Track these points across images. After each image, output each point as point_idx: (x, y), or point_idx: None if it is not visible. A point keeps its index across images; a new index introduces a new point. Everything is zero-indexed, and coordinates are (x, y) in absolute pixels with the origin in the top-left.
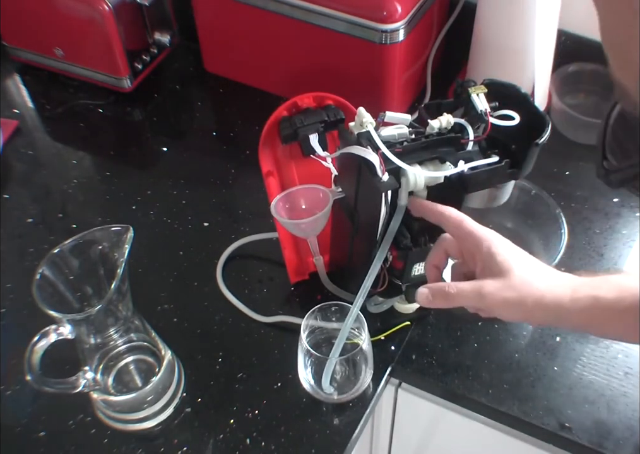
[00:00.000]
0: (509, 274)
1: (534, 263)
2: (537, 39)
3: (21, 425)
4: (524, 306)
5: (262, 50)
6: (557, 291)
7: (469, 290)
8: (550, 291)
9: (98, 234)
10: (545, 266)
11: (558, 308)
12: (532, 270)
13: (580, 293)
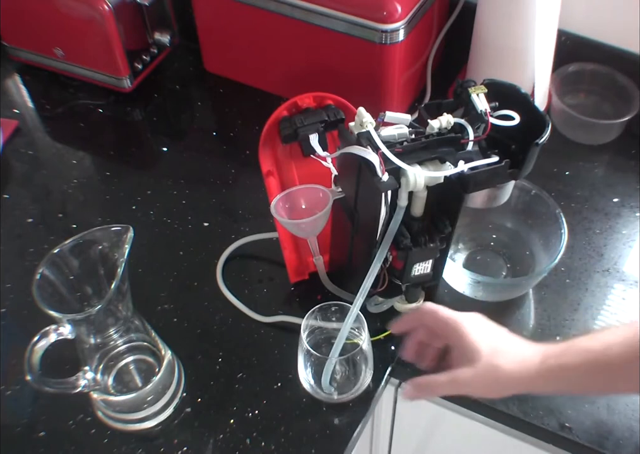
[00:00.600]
0: (479, 361)
1: (503, 342)
2: (537, 39)
3: (21, 425)
4: (496, 388)
5: (262, 50)
6: (525, 367)
7: (446, 382)
8: (519, 370)
9: (98, 234)
10: (514, 341)
11: (528, 382)
12: (500, 352)
13: (547, 364)
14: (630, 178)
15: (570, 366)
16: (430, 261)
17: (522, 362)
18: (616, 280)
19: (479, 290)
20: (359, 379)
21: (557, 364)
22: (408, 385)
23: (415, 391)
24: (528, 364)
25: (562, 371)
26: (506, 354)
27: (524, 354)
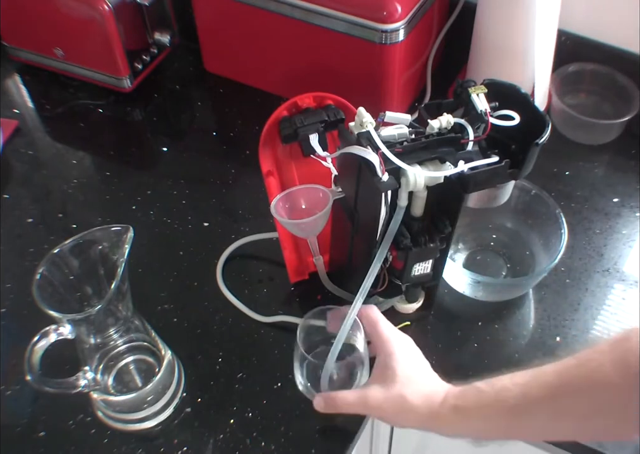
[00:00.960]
0: (393, 387)
1: (418, 374)
2: (537, 39)
3: (21, 425)
4: (401, 418)
5: (262, 50)
6: (428, 403)
7: (356, 402)
8: (421, 405)
9: (98, 234)
10: (428, 376)
11: (428, 419)
12: (412, 383)
13: (446, 404)
14: (630, 178)
15: (467, 408)
16: (430, 261)
17: (426, 397)
18: (616, 280)
19: (479, 290)
20: (355, 382)
21: (455, 405)
22: (318, 397)
23: (325, 406)
24: (431, 401)
25: (460, 412)
26: (416, 385)
27: (431, 390)
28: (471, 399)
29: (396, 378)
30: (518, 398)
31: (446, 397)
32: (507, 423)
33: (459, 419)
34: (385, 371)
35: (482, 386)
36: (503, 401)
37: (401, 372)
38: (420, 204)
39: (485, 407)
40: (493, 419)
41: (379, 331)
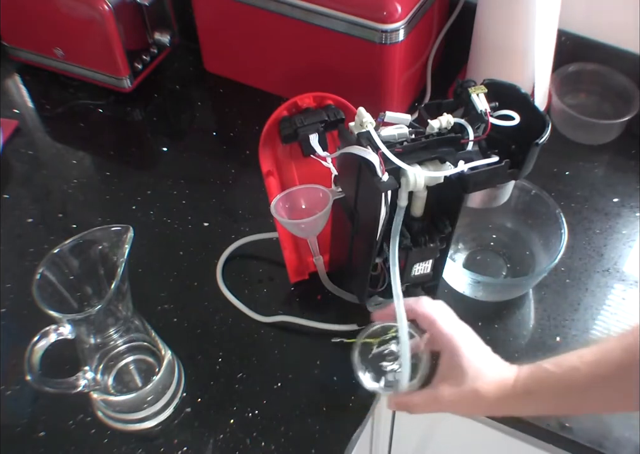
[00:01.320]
0: (464, 384)
1: (486, 365)
2: (537, 39)
3: (21, 425)
4: (475, 410)
5: (262, 50)
6: (501, 391)
7: (427, 402)
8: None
9: (98, 234)
10: (494, 363)
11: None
12: (482, 376)
13: (517, 387)
14: (630, 178)
15: (538, 389)
16: (430, 262)
17: (498, 385)
18: (616, 280)
19: (479, 290)
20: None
21: (526, 387)
22: (390, 400)
23: (397, 408)
24: (503, 388)
25: (531, 394)
26: (485, 377)
27: (501, 377)
28: (541, 381)
29: (466, 374)
30: (589, 377)
31: (516, 381)
32: (577, 400)
33: (529, 401)
34: (453, 368)
35: (550, 367)
36: (573, 380)
37: (469, 368)
38: (420, 204)
39: (555, 387)
40: (563, 398)
41: (439, 329)
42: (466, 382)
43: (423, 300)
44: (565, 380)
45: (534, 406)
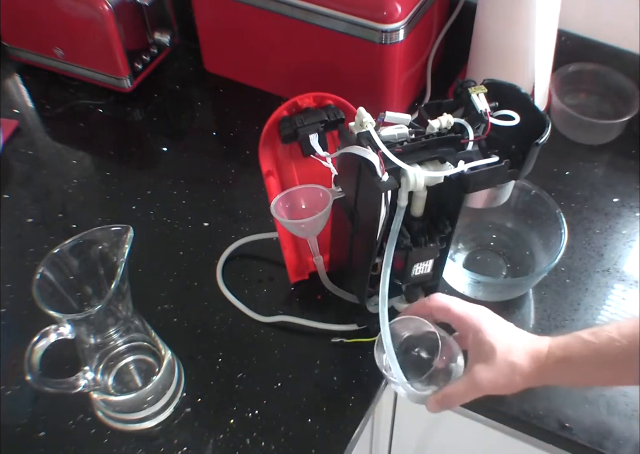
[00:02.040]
0: (495, 360)
1: (514, 338)
2: (537, 39)
3: (21, 425)
4: (513, 385)
5: (262, 50)
6: (536, 361)
7: (466, 390)
8: (530, 365)
9: (98, 234)
10: (523, 335)
11: (539, 375)
12: (514, 349)
13: (553, 356)
14: (630, 178)
15: (574, 359)
16: (430, 262)
17: (532, 355)
18: (616, 280)
19: (479, 290)
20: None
21: (562, 356)
22: (429, 403)
23: (438, 407)
24: (537, 358)
25: (566, 363)
26: (518, 349)
27: (533, 347)
28: (577, 350)
29: (496, 350)
30: (628, 350)
31: (550, 350)
32: (613, 372)
33: (564, 370)
34: (481, 348)
35: (587, 337)
36: (611, 353)
37: (497, 342)
38: (420, 204)
39: (592, 357)
40: (600, 369)
41: (455, 314)
42: (498, 356)
43: (434, 295)
44: (602, 351)
45: (570, 375)
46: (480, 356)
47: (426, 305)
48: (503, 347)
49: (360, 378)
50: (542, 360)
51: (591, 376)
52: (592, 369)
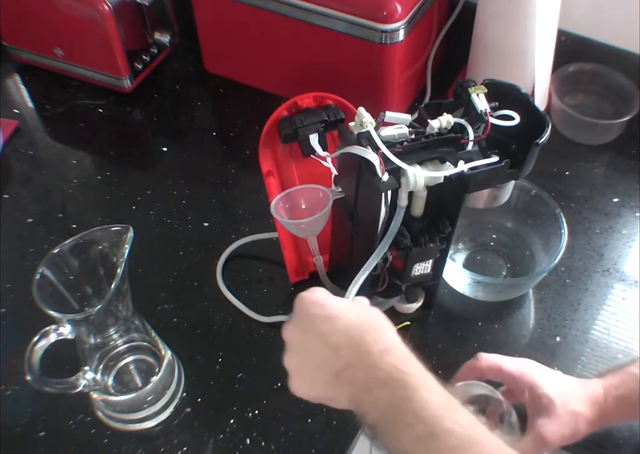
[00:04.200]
0: (556, 411)
1: (567, 386)
2: (537, 39)
3: (21, 425)
4: (577, 434)
5: (262, 50)
6: (596, 405)
7: (534, 447)
8: (591, 410)
9: (98, 234)
10: (574, 382)
11: (599, 418)
12: (570, 397)
13: (610, 397)
14: (630, 178)
15: (632, 395)
16: (430, 262)
17: (591, 400)
18: (616, 280)
19: (479, 290)
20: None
21: (620, 395)
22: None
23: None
24: (597, 402)
25: (625, 399)
26: (576, 397)
27: (591, 392)
28: (633, 385)
29: (555, 402)
30: None
31: (606, 392)
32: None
33: (625, 407)
34: (540, 402)
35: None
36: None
37: (555, 394)
38: (420, 204)
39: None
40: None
41: (508, 372)
42: (559, 408)
43: (481, 355)
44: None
45: (630, 411)
46: (539, 411)
47: (477, 367)
48: (561, 397)
49: None
50: (601, 403)
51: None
52: None
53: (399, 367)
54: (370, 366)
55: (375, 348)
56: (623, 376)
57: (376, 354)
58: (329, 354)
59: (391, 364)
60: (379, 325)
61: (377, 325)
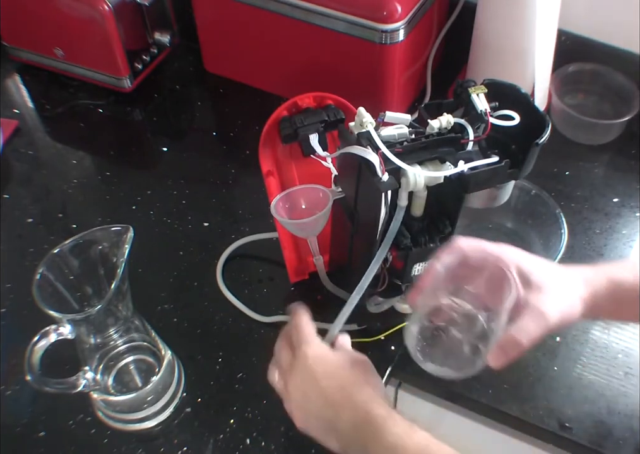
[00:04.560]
0: (547, 285)
1: (558, 266)
2: (537, 39)
3: (21, 425)
4: (576, 309)
5: (262, 50)
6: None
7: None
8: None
9: (98, 234)
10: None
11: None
12: (563, 273)
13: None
14: (630, 178)
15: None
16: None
17: (583, 278)
18: None
19: None
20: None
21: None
22: (492, 355)
23: (503, 356)
24: (588, 281)
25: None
26: (566, 273)
27: (581, 271)
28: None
29: (546, 276)
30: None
31: (599, 273)
32: None
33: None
34: (530, 278)
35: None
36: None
37: (544, 269)
38: (420, 204)
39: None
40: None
41: (491, 250)
42: (552, 281)
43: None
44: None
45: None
46: (531, 287)
47: (458, 246)
48: (551, 273)
49: None
50: (592, 283)
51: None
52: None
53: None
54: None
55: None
56: (620, 264)
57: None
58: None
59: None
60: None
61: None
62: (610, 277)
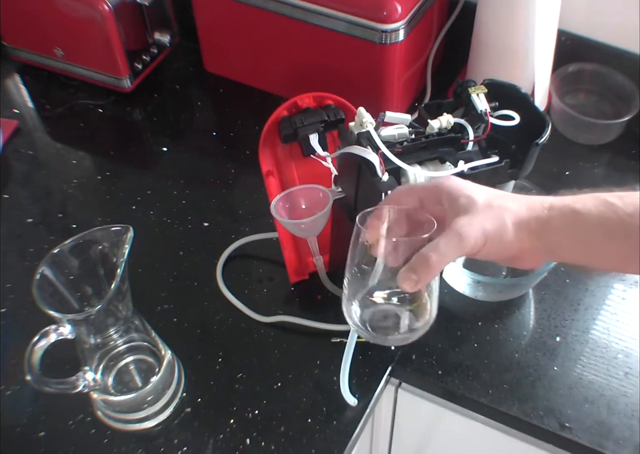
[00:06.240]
0: (474, 207)
1: (500, 192)
2: (537, 39)
3: (21, 425)
4: (505, 232)
5: (262, 50)
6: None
7: (449, 245)
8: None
9: (98, 234)
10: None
11: (539, 224)
12: (500, 197)
13: (557, 208)
14: (630, 178)
15: (584, 214)
16: None
17: (527, 203)
18: (616, 280)
19: (479, 290)
20: None
21: (570, 207)
22: (401, 278)
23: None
24: (534, 206)
25: (576, 214)
26: (504, 196)
27: (528, 198)
28: (592, 206)
29: (475, 199)
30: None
31: (553, 200)
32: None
33: (571, 225)
34: (457, 203)
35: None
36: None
37: (477, 193)
38: None
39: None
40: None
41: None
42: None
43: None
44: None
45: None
46: (458, 212)
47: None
48: (484, 196)
49: (360, 378)
50: (540, 209)
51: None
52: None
53: None
54: None
55: None
56: (587, 195)
57: None
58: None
59: None
60: None
61: None
62: (568, 205)
